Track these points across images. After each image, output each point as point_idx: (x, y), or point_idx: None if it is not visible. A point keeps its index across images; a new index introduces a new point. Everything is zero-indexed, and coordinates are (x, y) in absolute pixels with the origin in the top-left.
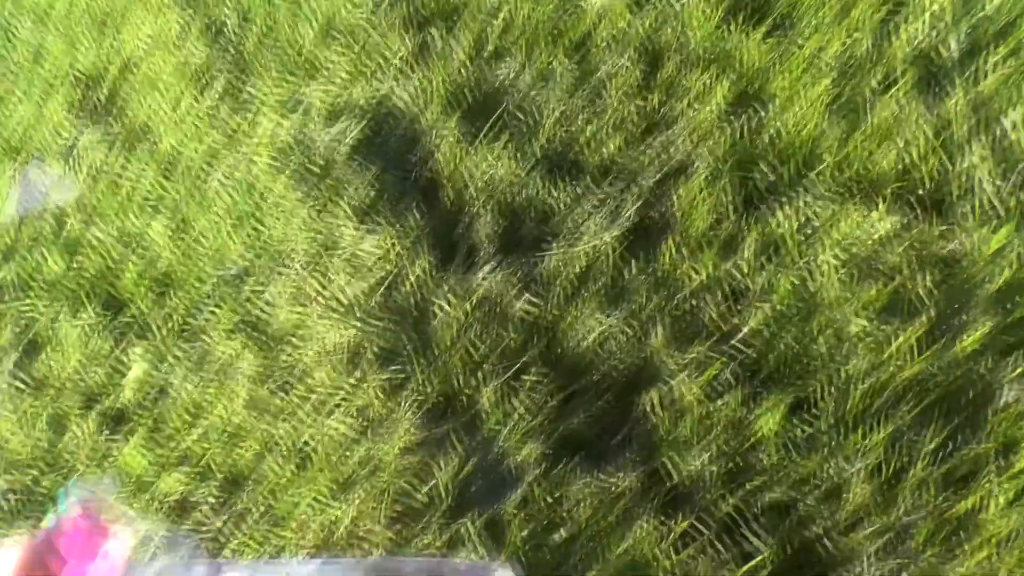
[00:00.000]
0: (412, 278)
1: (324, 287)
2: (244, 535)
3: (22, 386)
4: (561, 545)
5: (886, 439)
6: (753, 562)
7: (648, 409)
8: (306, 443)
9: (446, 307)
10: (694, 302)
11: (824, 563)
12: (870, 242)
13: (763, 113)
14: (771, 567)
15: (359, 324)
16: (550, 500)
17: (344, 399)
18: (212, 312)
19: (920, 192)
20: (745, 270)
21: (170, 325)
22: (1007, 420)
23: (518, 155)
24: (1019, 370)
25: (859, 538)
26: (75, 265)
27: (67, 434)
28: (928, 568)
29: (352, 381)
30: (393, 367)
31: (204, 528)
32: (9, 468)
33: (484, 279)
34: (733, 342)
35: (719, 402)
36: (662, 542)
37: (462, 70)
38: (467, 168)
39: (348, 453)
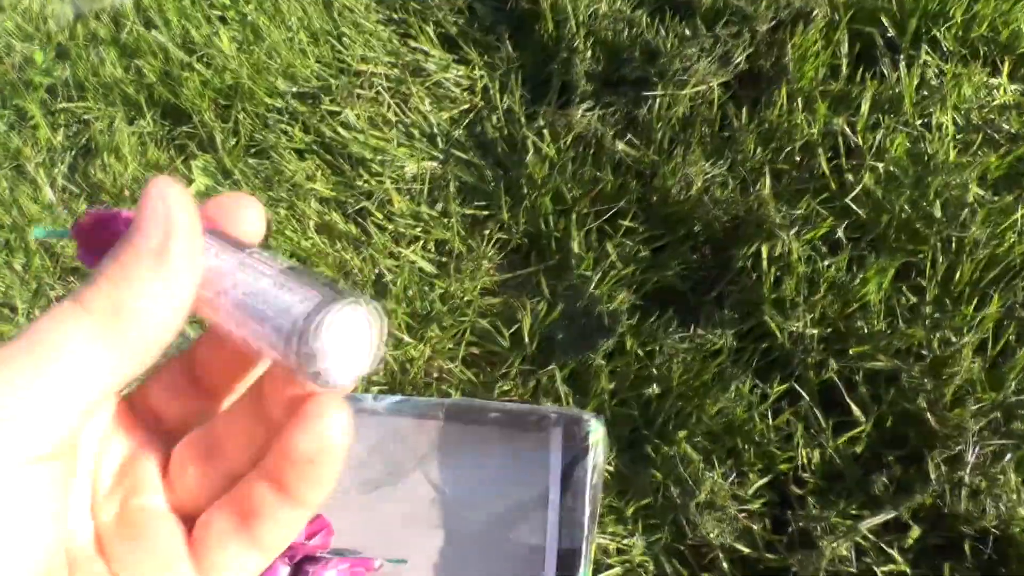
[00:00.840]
0: (501, 111)
1: (405, 113)
2: None
3: (77, 190)
4: (650, 401)
5: (997, 314)
6: (850, 433)
7: (749, 265)
8: (380, 275)
9: (538, 143)
10: (803, 156)
11: (923, 439)
12: (991, 108)
13: None
14: (867, 440)
15: (441, 155)
16: (640, 354)
17: (423, 232)
18: (283, 130)
19: None
20: (859, 126)
21: (236, 140)
22: None
23: None
24: None
25: (963, 415)
26: (133, 69)
27: None
28: None
29: (433, 214)
30: (477, 203)
31: None
32: (64, 276)
33: (582, 117)
34: (845, 200)
35: (826, 262)
36: (759, 405)
37: None
38: (568, 0)
39: (426, 288)
